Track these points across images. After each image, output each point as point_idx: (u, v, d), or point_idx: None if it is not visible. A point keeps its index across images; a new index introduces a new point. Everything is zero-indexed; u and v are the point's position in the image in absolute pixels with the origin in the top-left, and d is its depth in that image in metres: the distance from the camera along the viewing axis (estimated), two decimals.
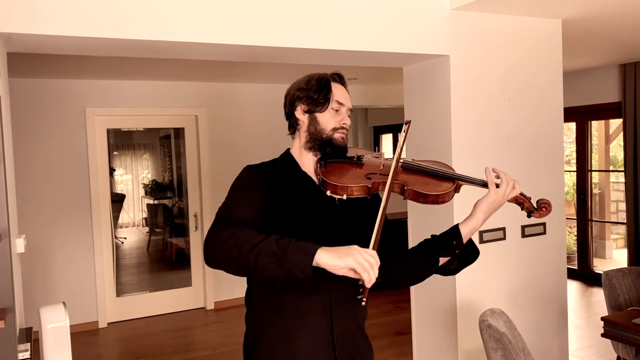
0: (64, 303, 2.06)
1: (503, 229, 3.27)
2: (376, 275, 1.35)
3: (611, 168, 7.24)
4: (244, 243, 1.39)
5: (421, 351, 3.53)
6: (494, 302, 3.23)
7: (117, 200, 6.76)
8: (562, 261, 3.52)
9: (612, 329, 2.95)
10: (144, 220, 7.42)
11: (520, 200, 1.64)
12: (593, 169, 6.66)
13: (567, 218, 4.28)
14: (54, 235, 5.22)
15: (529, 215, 1.66)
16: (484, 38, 3.18)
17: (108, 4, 2.33)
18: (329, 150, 1.64)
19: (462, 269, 1.70)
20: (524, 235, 3.36)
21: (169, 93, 5.64)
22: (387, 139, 9.00)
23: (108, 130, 5.59)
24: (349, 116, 1.69)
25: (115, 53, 2.77)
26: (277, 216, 1.56)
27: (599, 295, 5.85)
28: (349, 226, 1.64)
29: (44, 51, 2.62)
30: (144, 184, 7.29)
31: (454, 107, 3.12)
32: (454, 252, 1.63)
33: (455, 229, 1.64)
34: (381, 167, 1.62)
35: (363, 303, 1.39)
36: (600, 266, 6.84)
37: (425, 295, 3.43)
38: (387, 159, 1.67)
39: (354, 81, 6.12)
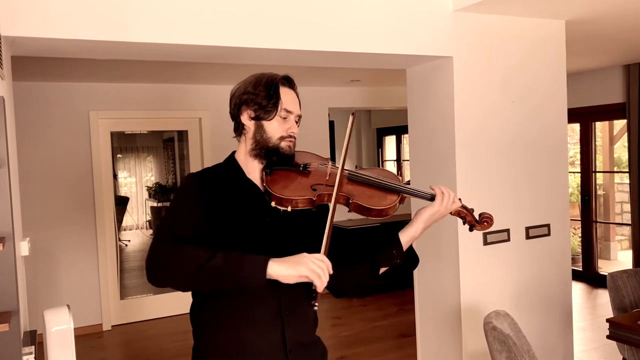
0: (68, 306, 2.07)
1: (507, 230, 3.26)
2: (327, 280, 1.36)
3: (615, 169, 7.22)
4: (188, 262, 1.37)
5: (425, 353, 3.52)
6: (498, 303, 3.22)
7: (121, 203, 6.77)
8: (566, 263, 3.51)
9: (617, 330, 2.94)
10: (147, 222, 7.44)
11: (463, 214, 1.65)
12: (597, 170, 6.64)
13: (571, 219, 4.27)
14: (58, 238, 5.23)
15: (470, 229, 1.68)
16: (487, 39, 3.18)
17: (110, 7, 2.34)
18: (275, 158, 1.58)
19: (403, 275, 1.71)
20: (528, 237, 3.34)
21: (173, 96, 5.65)
22: (390, 141, 9.00)
23: (112, 133, 5.60)
24: (297, 122, 1.62)
25: (118, 56, 2.78)
26: (220, 225, 1.51)
27: (604, 297, 5.83)
28: (294, 236, 1.59)
29: (47, 54, 2.63)
30: (148, 186, 7.30)
31: (457, 109, 3.12)
32: (394, 262, 1.63)
33: (395, 240, 1.63)
34: (327, 177, 1.58)
35: (315, 308, 1.41)
36: (605, 268, 6.82)
37: (429, 297, 3.42)
38: (333, 167, 1.62)
39: (357, 83, 6.12)
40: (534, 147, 3.36)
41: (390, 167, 8.96)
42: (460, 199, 1.64)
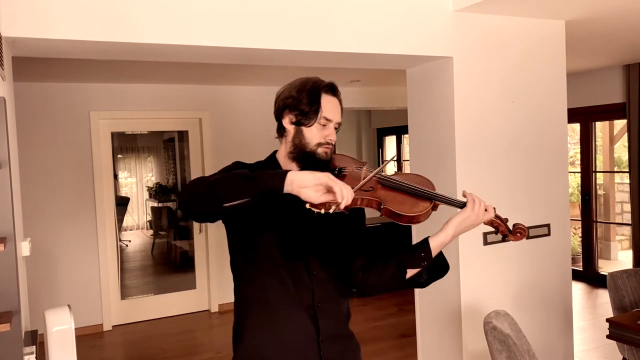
0: (69, 306, 2.07)
1: None
2: (348, 199, 1.35)
3: (616, 169, 7.22)
4: (212, 178, 1.45)
5: (426, 353, 3.52)
6: (498, 303, 3.22)
7: (122, 204, 6.77)
8: (566, 262, 3.51)
9: (617, 330, 2.94)
10: (148, 223, 7.43)
11: (496, 224, 1.66)
12: (597, 170, 6.64)
13: (571, 219, 4.27)
14: (59, 239, 5.24)
15: (503, 239, 1.69)
16: (487, 39, 3.18)
17: (111, 8, 2.34)
18: (311, 162, 1.63)
19: (431, 282, 1.71)
20: (528, 237, 3.34)
21: (173, 96, 5.65)
22: (390, 141, 8.99)
23: (112, 134, 5.61)
24: (336, 129, 1.67)
25: (119, 57, 2.78)
26: (255, 222, 1.58)
27: (604, 296, 5.83)
28: (328, 238, 1.66)
29: (48, 55, 2.63)
30: (148, 187, 7.30)
31: (458, 109, 3.12)
32: (421, 264, 1.64)
33: (425, 242, 1.65)
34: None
35: (323, 211, 1.37)
36: (605, 267, 6.82)
37: (429, 297, 3.42)
38: (368, 171, 1.65)
39: (357, 83, 6.12)
40: (534, 147, 3.36)
41: (390, 167, 8.96)
42: (494, 209, 1.65)
